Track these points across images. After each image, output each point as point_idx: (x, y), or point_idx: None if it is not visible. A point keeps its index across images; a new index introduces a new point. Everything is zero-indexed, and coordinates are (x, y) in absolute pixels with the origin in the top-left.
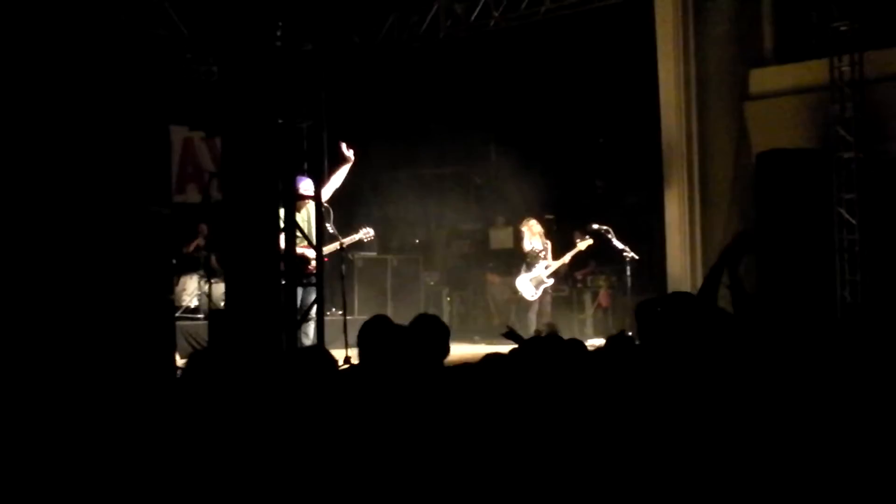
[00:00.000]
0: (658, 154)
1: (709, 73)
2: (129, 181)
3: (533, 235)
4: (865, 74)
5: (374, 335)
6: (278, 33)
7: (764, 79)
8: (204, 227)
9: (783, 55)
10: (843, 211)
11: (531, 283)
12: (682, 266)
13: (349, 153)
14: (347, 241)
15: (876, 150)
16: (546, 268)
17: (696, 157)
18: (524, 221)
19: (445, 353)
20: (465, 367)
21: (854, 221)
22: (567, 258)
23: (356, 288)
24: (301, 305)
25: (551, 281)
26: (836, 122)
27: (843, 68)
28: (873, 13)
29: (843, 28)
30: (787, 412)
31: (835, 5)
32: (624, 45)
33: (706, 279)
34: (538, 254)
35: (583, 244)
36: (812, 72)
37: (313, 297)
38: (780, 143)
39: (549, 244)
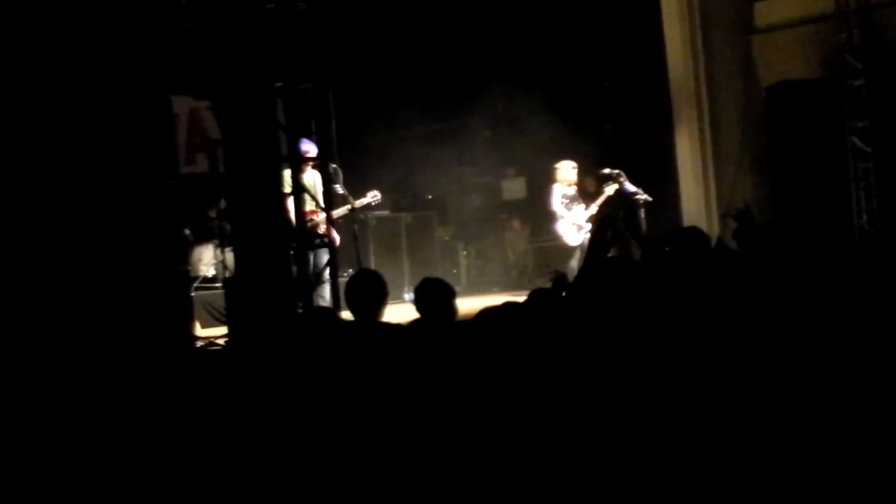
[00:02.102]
0: (666, 94)
1: (713, 9)
2: (133, 155)
3: (562, 182)
4: (870, 1)
5: (361, 290)
6: None
7: (769, 11)
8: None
9: None
10: (856, 139)
11: (573, 228)
12: (696, 204)
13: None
14: (357, 203)
15: (885, 76)
16: (584, 211)
17: (704, 95)
18: (553, 169)
19: (452, 314)
20: (463, 324)
21: (868, 149)
22: (600, 201)
23: (371, 247)
24: (315, 268)
25: (589, 226)
26: (843, 50)
27: None
28: None
29: None
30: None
31: None
32: None
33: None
34: (571, 200)
35: (610, 188)
36: (816, 1)
37: (326, 258)
38: (789, 76)
39: (575, 189)
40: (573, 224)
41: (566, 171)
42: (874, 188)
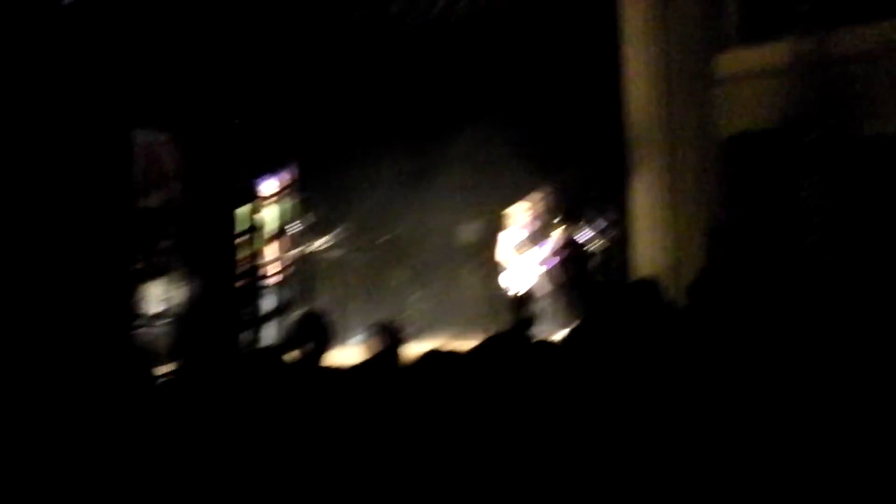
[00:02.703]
0: (626, 141)
1: (675, 58)
2: (90, 186)
3: (509, 228)
4: (830, 55)
5: (306, 332)
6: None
7: (729, 62)
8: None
9: (748, 38)
10: (810, 192)
11: (515, 276)
12: (651, 253)
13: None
14: (315, 245)
15: (843, 130)
16: (529, 258)
17: (663, 144)
18: (498, 215)
19: (395, 358)
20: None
21: (821, 202)
22: (552, 249)
23: (324, 287)
24: (266, 306)
25: (537, 271)
26: (803, 103)
27: (808, 49)
28: None
29: (806, 9)
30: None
31: None
32: (588, 31)
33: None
34: (519, 245)
35: (557, 233)
36: (777, 53)
37: (277, 296)
38: (749, 127)
39: (524, 234)
40: (516, 272)
41: (519, 214)
42: (827, 241)
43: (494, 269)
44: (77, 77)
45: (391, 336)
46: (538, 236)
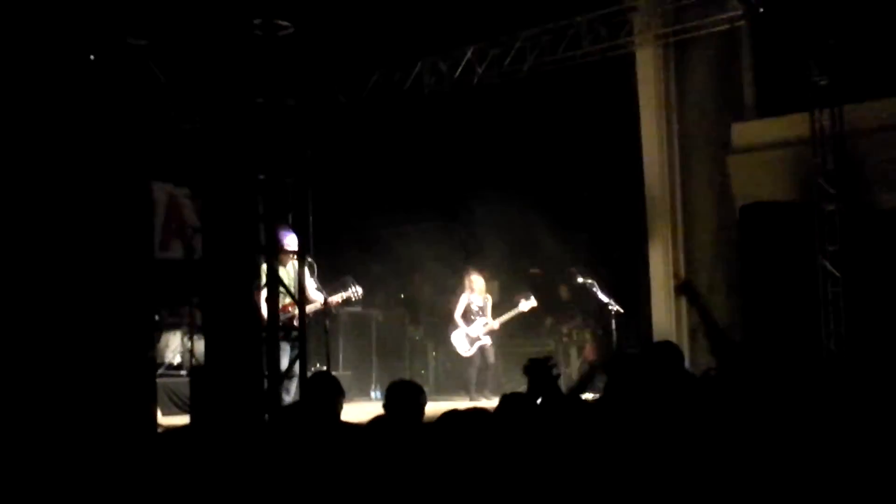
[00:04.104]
0: (642, 208)
1: (691, 128)
2: (110, 237)
3: (472, 292)
4: (845, 128)
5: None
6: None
7: (746, 133)
8: None
9: (764, 109)
10: (826, 263)
11: (466, 340)
12: (667, 319)
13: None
14: (334, 299)
15: (858, 201)
16: (484, 325)
17: (679, 211)
18: (466, 275)
19: (420, 416)
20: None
21: (838, 273)
22: (505, 318)
23: (341, 343)
24: (284, 362)
25: (488, 339)
26: (817, 174)
27: (824, 122)
28: (851, 68)
29: (822, 83)
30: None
31: (813, 60)
32: (606, 100)
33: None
34: (477, 311)
35: (525, 305)
36: (793, 125)
37: (296, 352)
38: (763, 197)
39: (489, 300)
40: (466, 336)
41: (477, 281)
42: (843, 312)
43: (510, 328)
44: (99, 129)
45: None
46: (482, 308)
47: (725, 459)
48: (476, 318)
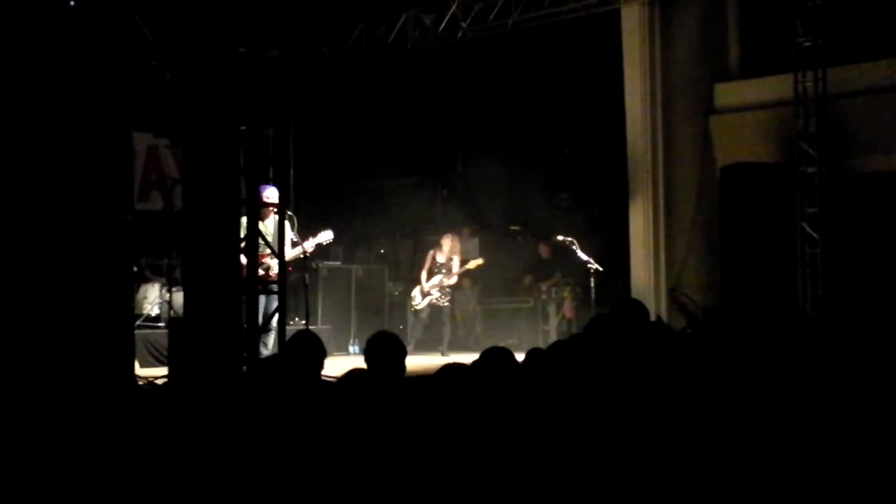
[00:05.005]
0: (624, 166)
1: (674, 87)
2: (89, 187)
3: (441, 250)
4: (829, 90)
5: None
6: (242, 40)
7: (729, 93)
8: None
9: (748, 70)
10: (805, 225)
11: (419, 293)
12: (646, 277)
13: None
14: (309, 245)
15: (838, 165)
16: (438, 281)
17: (661, 170)
18: (443, 237)
19: (401, 371)
20: (423, 378)
21: (816, 236)
22: (454, 277)
23: (320, 297)
24: (264, 314)
25: (436, 293)
26: (799, 136)
27: (807, 84)
28: (836, 30)
29: (806, 44)
30: (743, 423)
31: (799, 22)
32: (590, 57)
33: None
34: (439, 267)
35: (472, 263)
36: (776, 87)
37: (275, 305)
38: (744, 157)
39: (454, 260)
40: (419, 289)
41: (446, 241)
42: (821, 274)
43: (492, 283)
44: (79, 78)
45: (396, 347)
46: (444, 266)
47: (695, 411)
48: (437, 274)
